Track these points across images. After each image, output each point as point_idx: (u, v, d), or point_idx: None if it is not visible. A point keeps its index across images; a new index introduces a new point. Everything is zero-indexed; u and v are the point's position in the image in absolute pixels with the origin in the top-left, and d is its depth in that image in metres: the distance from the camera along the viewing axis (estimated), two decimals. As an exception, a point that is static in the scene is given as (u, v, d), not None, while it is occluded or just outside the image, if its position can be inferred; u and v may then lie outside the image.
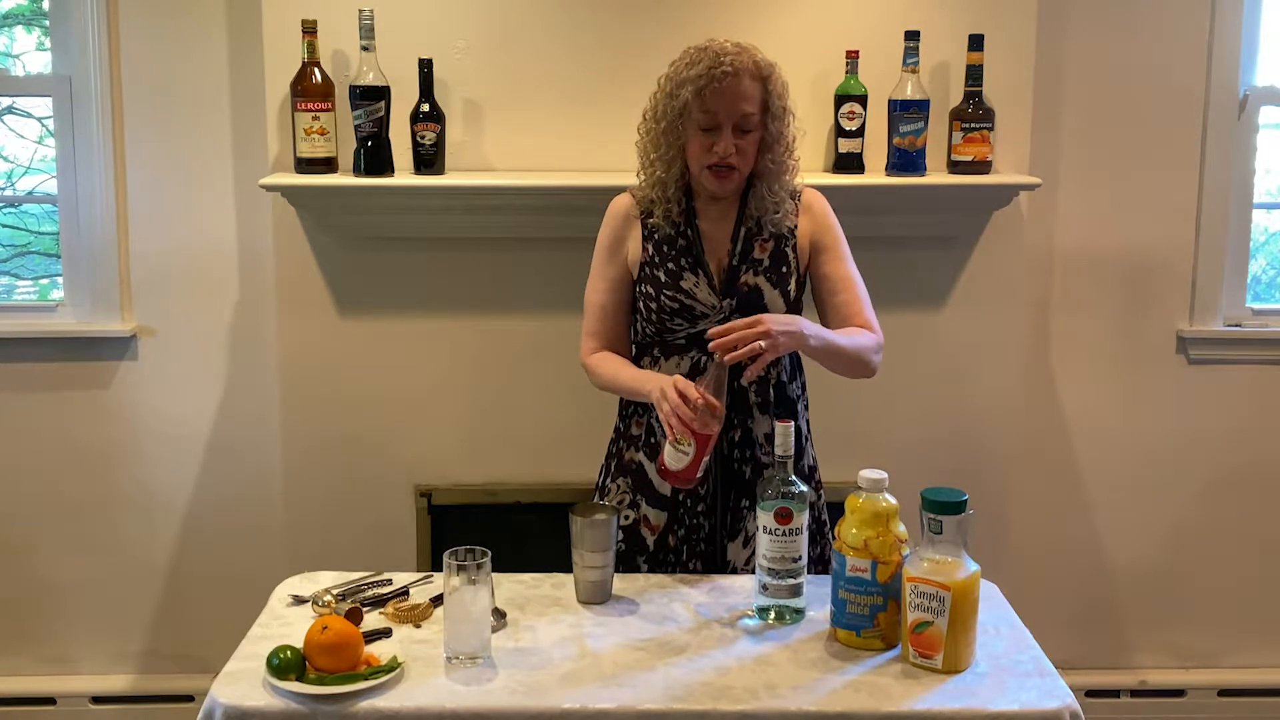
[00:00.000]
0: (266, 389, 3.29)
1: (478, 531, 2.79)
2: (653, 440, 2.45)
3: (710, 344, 2.19)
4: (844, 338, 2.35)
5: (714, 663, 1.98)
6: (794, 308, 2.43)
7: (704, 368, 2.35)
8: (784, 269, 2.42)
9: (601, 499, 2.53)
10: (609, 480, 2.53)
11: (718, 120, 2.32)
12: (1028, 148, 3.14)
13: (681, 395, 2.17)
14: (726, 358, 2.16)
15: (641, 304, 2.44)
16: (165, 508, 3.42)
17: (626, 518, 2.47)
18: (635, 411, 2.50)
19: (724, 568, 2.45)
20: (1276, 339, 3.47)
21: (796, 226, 2.45)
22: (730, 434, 2.42)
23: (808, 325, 2.26)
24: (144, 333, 3.34)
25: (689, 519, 2.44)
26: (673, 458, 2.21)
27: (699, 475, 2.23)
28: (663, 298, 2.40)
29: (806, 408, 2.54)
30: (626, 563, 2.43)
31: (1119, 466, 3.51)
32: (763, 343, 2.16)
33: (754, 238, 2.42)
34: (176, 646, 3.48)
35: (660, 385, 2.22)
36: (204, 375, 3.36)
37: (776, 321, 2.20)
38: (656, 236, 2.43)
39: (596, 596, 2.20)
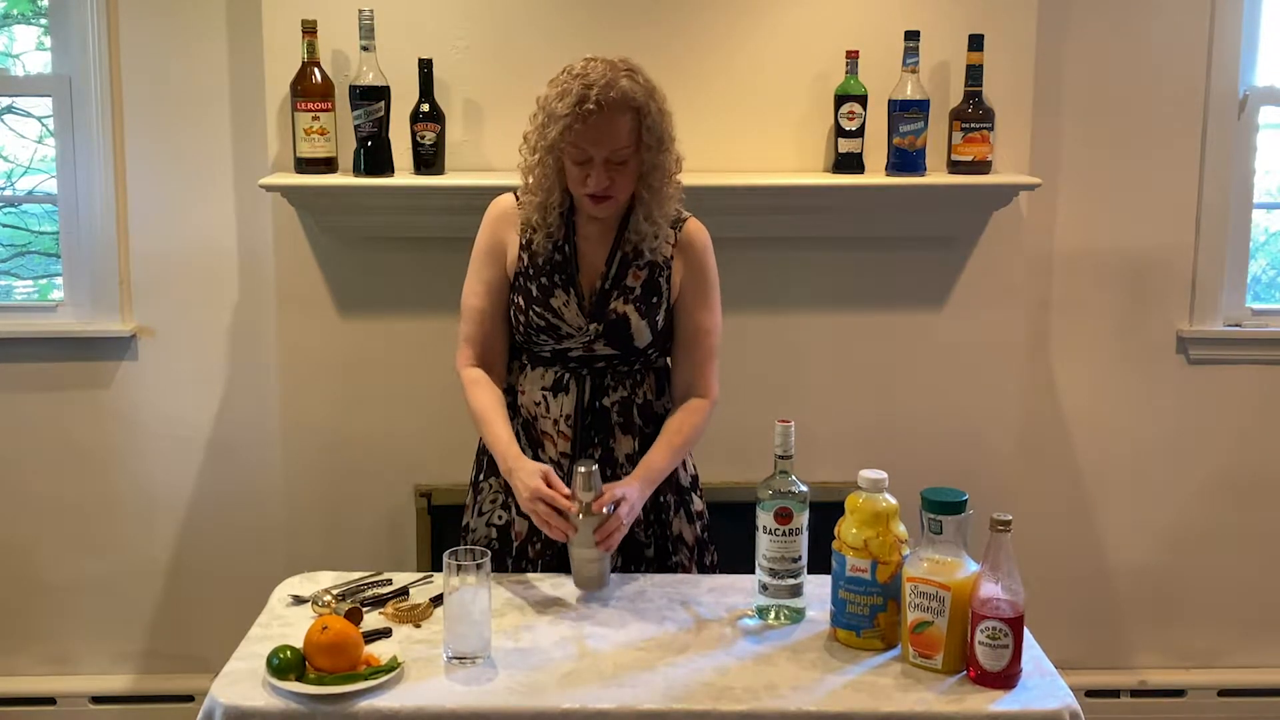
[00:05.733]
0: (266, 389, 3.29)
1: (478, 531, 2.79)
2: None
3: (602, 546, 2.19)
4: (673, 452, 2.37)
5: (714, 663, 1.98)
6: (660, 337, 2.39)
7: (569, 470, 2.31)
8: (654, 299, 2.38)
9: (476, 497, 2.49)
10: (482, 479, 2.48)
11: (589, 155, 2.26)
12: (1028, 148, 3.14)
13: (551, 504, 2.18)
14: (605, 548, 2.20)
15: (511, 313, 2.41)
16: (165, 508, 3.42)
17: (500, 518, 2.44)
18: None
19: None
20: (1276, 339, 3.47)
21: (673, 258, 2.40)
22: (592, 453, 2.38)
23: (639, 491, 2.27)
24: (144, 333, 3.34)
25: None
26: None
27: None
28: (531, 312, 2.36)
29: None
30: (497, 563, 2.39)
31: (1119, 466, 3.51)
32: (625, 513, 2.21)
33: (628, 264, 2.38)
34: (176, 646, 3.47)
35: (525, 486, 2.21)
36: (204, 375, 3.36)
37: (630, 505, 2.23)
38: (534, 247, 2.39)
39: (595, 584, 2.20)
